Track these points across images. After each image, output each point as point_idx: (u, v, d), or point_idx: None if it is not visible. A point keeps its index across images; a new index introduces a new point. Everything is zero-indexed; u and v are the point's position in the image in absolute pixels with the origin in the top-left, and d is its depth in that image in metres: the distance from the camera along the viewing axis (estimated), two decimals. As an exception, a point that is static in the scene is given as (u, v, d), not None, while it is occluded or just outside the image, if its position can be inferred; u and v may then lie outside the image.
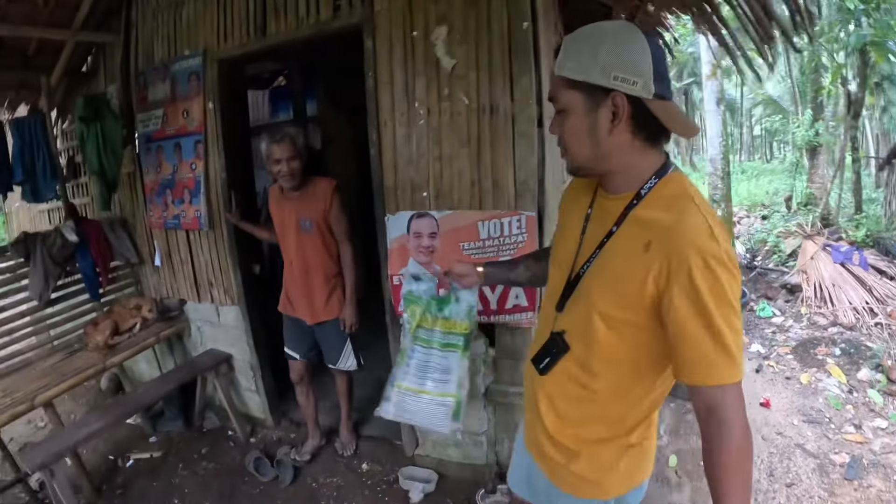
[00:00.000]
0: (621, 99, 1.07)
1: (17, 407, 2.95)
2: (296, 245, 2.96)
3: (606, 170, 1.18)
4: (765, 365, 4.58)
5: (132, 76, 3.73)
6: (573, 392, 1.28)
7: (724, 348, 1.02)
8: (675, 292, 1.03)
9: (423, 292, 1.95)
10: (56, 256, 3.62)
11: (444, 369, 1.93)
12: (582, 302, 1.21)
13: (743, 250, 7.77)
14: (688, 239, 1.03)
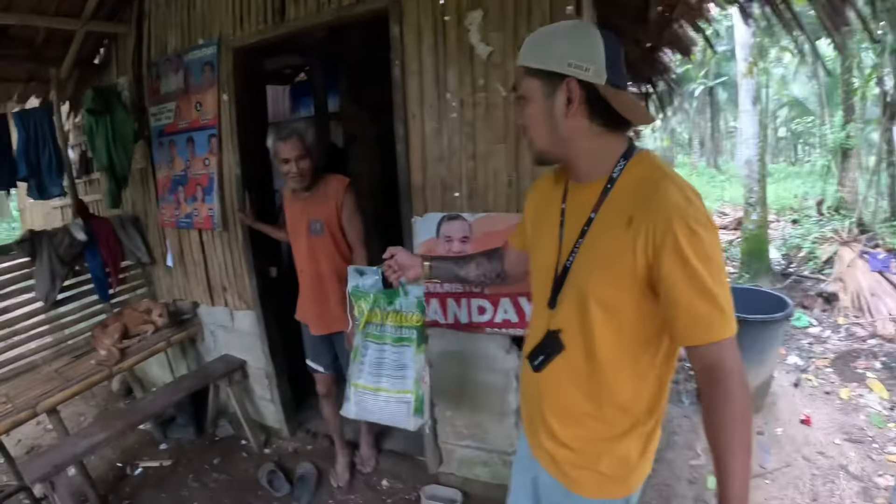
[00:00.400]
0: (574, 84, 1.15)
1: (18, 414, 2.85)
2: (307, 250, 2.76)
3: (567, 154, 1.25)
4: (803, 379, 4.38)
5: (144, 67, 3.60)
6: (582, 387, 1.28)
7: (717, 306, 1.06)
8: (665, 261, 1.08)
9: (368, 287, 1.91)
10: (63, 255, 3.51)
11: (398, 365, 1.92)
12: (574, 293, 1.24)
13: (778, 256, 7.57)
14: (667, 208, 1.08)
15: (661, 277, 1.09)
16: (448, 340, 2.68)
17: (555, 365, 1.31)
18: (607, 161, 1.22)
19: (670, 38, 4.16)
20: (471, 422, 2.78)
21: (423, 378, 1.93)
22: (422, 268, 1.71)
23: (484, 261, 1.71)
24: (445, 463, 2.97)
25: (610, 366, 1.23)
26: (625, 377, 1.24)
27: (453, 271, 1.73)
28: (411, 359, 1.90)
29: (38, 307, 3.51)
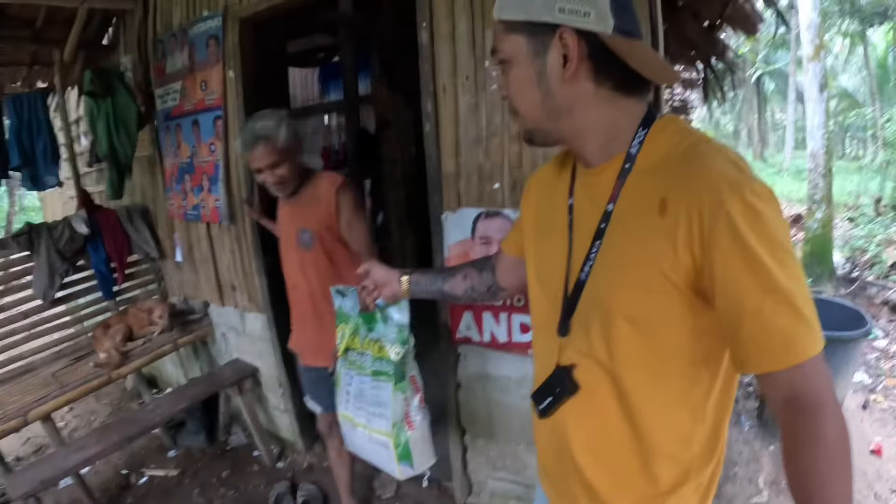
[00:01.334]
0: (570, 35, 0.89)
1: (8, 422, 2.70)
2: (298, 264, 2.34)
3: (569, 130, 0.98)
4: (871, 400, 3.99)
5: (150, 46, 3.35)
6: (614, 436, 0.99)
7: (797, 313, 0.79)
8: (718, 254, 0.81)
9: (349, 309, 1.74)
10: (63, 250, 3.32)
11: (376, 402, 1.71)
12: (595, 312, 0.96)
13: (841, 259, 7.16)
14: (713, 180, 0.82)
15: (714, 277, 0.82)
16: (483, 361, 2.38)
17: (569, 409, 1.04)
18: (623, 133, 0.96)
19: (734, 13, 3.74)
20: (505, 452, 2.47)
21: (408, 421, 1.70)
22: (399, 283, 1.50)
23: (473, 272, 1.46)
24: (475, 494, 2.67)
25: (648, 404, 0.96)
26: (669, 418, 0.97)
27: (437, 286, 1.50)
28: (388, 396, 1.67)
29: (37, 305, 3.34)
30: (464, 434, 2.53)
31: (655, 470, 0.98)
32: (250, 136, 2.10)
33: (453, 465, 2.62)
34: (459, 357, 2.41)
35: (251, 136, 2.10)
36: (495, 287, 1.42)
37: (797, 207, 10.29)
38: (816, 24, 6.20)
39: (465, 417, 2.48)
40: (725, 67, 4.81)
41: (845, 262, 6.99)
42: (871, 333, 3.84)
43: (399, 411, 1.66)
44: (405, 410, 1.68)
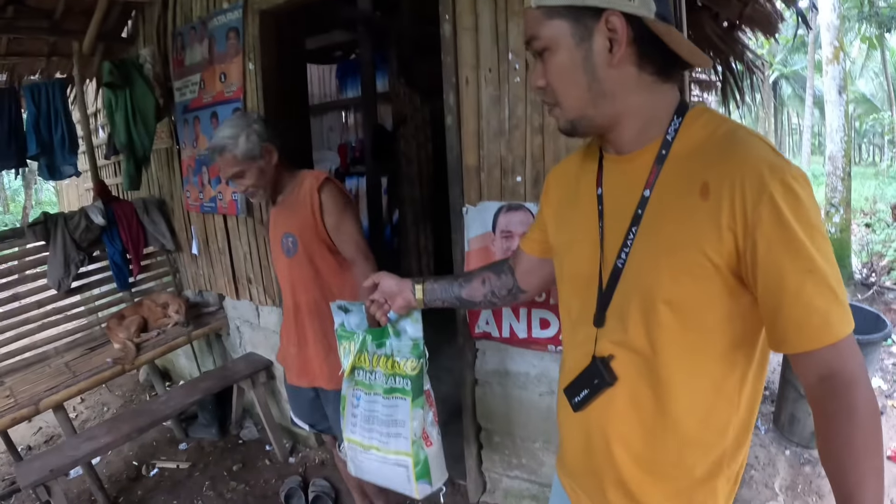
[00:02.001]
0: (618, 18, 0.89)
1: (19, 410, 2.71)
2: (285, 274, 2.17)
3: (612, 116, 0.97)
4: (888, 406, 3.95)
5: (170, 38, 3.35)
6: (652, 427, 0.99)
7: (832, 293, 0.81)
8: (761, 236, 0.82)
9: (355, 326, 1.64)
10: (79, 240, 3.33)
11: (391, 421, 1.60)
12: (635, 299, 0.96)
13: (858, 264, 7.07)
14: (755, 163, 0.84)
15: (757, 258, 0.84)
16: (501, 357, 2.34)
17: (604, 401, 1.03)
18: (659, 120, 0.96)
19: (754, 13, 3.69)
20: (521, 450, 2.44)
21: (425, 437, 1.60)
22: (413, 292, 1.42)
23: (491, 276, 1.41)
24: (489, 492, 2.64)
25: (685, 392, 0.96)
26: (706, 405, 0.97)
27: (454, 293, 1.43)
28: (406, 414, 1.57)
29: (51, 295, 3.35)
30: (479, 431, 2.50)
31: (690, 461, 0.98)
32: (211, 147, 2.01)
33: (467, 462, 2.59)
34: (478, 353, 2.38)
35: (211, 148, 2.00)
36: (516, 289, 1.39)
37: (814, 211, 10.24)
38: (836, 26, 6.12)
39: (482, 414, 2.46)
40: (744, 69, 4.75)
41: (862, 267, 6.92)
42: (890, 336, 3.79)
43: (418, 428, 1.59)
44: (423, 427, 1.60)
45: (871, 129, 23.26)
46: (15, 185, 21.34)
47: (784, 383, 3.28)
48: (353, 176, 5.64)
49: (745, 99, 4.87)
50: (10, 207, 20.10)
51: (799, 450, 3.21)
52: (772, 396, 3.81)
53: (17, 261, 3.25)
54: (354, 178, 5.63)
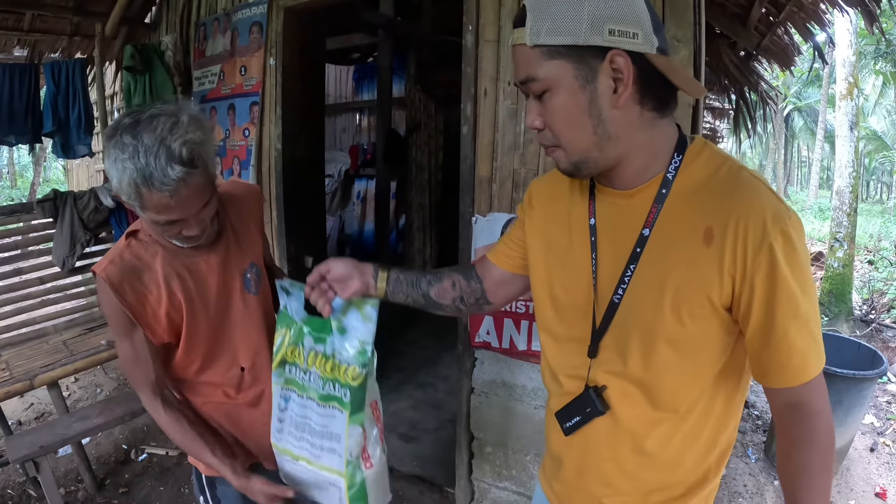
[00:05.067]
0: (623, 58, 0.84)
1: (14, 384, 2.71)
2: (249, 321, 1.47)
3: (617, 157, 0.93)
4: (879, 443, 3.92)
5: (193, 28, 3.37)
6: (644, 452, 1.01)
7: (811, 335, 0.87)
8: (758, 283, 0.85)
9: (294, 312, 1.31)
10: (87, 220, 3.33)
11: (325, 433, 1.28)
12: (635, 335, 0.96)
13: (859, 300, 7.04)
14: (759, 209, 0.85)
15: (752, 302, 0.87)
16: (500, 367, 2.34)
17: (596, 428, 1.03)
18: (660, 157, 0.94)
19: (772, 44, 3.71)
20: (513, 461, 2.43)
21: (365, 457, 1.30)
22: (374, 280, 1.22)
23: (462, 281, 1.28)
24: (476, 501, 2.63)
25: (680, 419, 0.99)
26: (698, 429, 1.00)
27: (421, 290, 1.27)
28: (342, 429, 1.26)
29: (54, 273, 3.35)
30: (472, 440, 2.50)
31: (677, 480, 1.03)
32: (174, 166, 1.09)
33: (458, 470, 2.59)
34: (476, 362, 2.39)
35: (176, 169, 1.10)
36: (483, 300, 1.29)
37: (818, 246, 10.20)
38: (851, 62, 6.14)
39: (476, 423, 2.45)
40: (758, 99, 4.77)
41: (863, 303, 6.90)
42: (885, 374, 3.79)
43: (355, 447, 1.28)
44: (362, 445, 1.30)
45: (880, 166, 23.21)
46: (24, 161, 21.41)
47: (777, 415, 3.29)
48: (363, 178, 5.67)
49: (756, 129, 4.88)
50: (17, 183, 20.17)
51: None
52: (764, 426, 3.81)
53: (22, 235, 3.26)
54: (364, 180, 5.66)
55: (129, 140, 1.09)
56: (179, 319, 1.34)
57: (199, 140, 1.14)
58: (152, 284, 1.30)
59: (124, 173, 1.10)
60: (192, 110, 1.17)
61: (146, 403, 1.37)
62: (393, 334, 4.73)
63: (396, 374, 4.06)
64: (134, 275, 1.28)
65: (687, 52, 1.81)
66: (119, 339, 1.33)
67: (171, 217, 1.17)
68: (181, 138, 1.10)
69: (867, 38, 10.39)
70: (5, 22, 3.49)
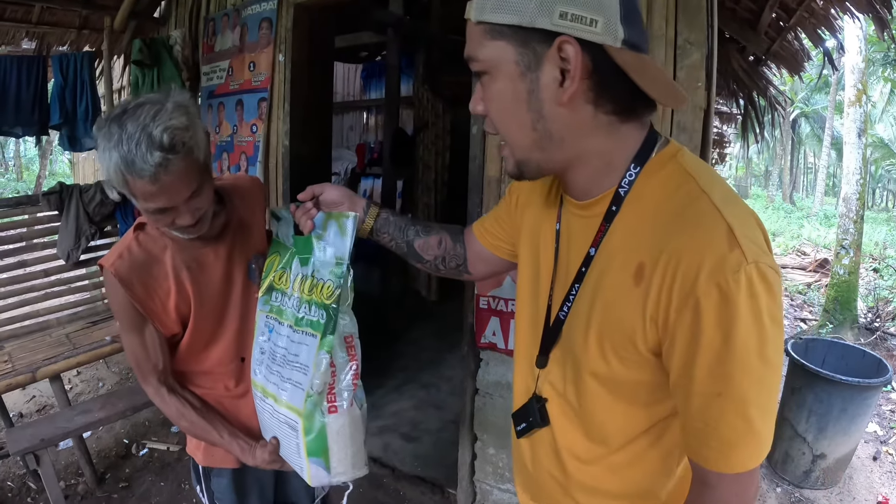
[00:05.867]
0: (573, 47, 0.71)
1: (16, 376, 2.72)
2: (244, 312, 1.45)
3: (562, 161, 0.82)
4: (882, 452, 3.91)
5: (202, 23, 3.38)
6: (582, 472, 0.96)
7: (746, 424, 0.71)
8: (679, 338, 0.73)
9: (284, 236, 1.28)
10: (93, 214, 3.36)
11: (294, 362, 1.21)
12: (569, 358, 0.89)
13: (864, 308, 7.00)
14: (697, 251, 0.70)
15: (671, 359, 0.75)
16: (505, 368, 2.33)
17: (540, 438, 1.00)
18: (616, 168, 0.81)
19: (781, 50, 3.70)
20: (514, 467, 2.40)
21: (330, 399, 1.17)
22: (364, 214, 1.19)
23: (448, 240, 1.24)
24: (478, 503, 2.62)
25: (617, 451, 0.90)
26: (642, 461, 0.91)
27: (407, 237, 1.23)
28: (310, 357, 1.17)
29: (58, 265, 3.37)
30: (475, 441, 2.49)
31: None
32: (153, 152, 1.08)
33: (460, 471, 2.58)
34: (481, 363, 2.38)
35: (156, 155, 1.08)
36: (463, 267, 1.25)
37: (824, 252, 10.19)
38: (860, 69, 6.12)
39: (479, 425, 2.45)
40: (766, 104, 4.76)
41: (867, 311, 6.89)
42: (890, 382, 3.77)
43: (319, 380, 1.16)
44: (327, 382, 1.16)
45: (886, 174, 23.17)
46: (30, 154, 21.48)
47: (781, 421, 3.28)
48: (369, 177, 5.68)
49: (764, 134, 4.87)
50: (23, 175, 20.24)
51: (790, 488, 3.20)
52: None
53: (27, 228, 3.27)
54: (370, 178, 5.67)
55: (115, 129, 1.10)
56: (187, 310, 1.35)
57: (183, 126, 1.12)
58: (161, 277, 1.31)
59: (110, 161, 1.11)
60: (179, 98, 1.16)
61: (152, 393, 1.38)
62: (396, 335, 4.76)
63: (399, 375, 4.06)
64: (143, 268, 1.29)
65: (699, 56, 1.80)
66: (127, 333, 1.34)
67: (157, 205, 1.16)
68: (163, 125, 1.09)
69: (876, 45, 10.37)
70: (14, 14, 3.50)
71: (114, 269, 1.26)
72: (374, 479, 2.98)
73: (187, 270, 1.33)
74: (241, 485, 1.55)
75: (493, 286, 2.23)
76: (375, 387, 3.84)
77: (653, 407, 0.85)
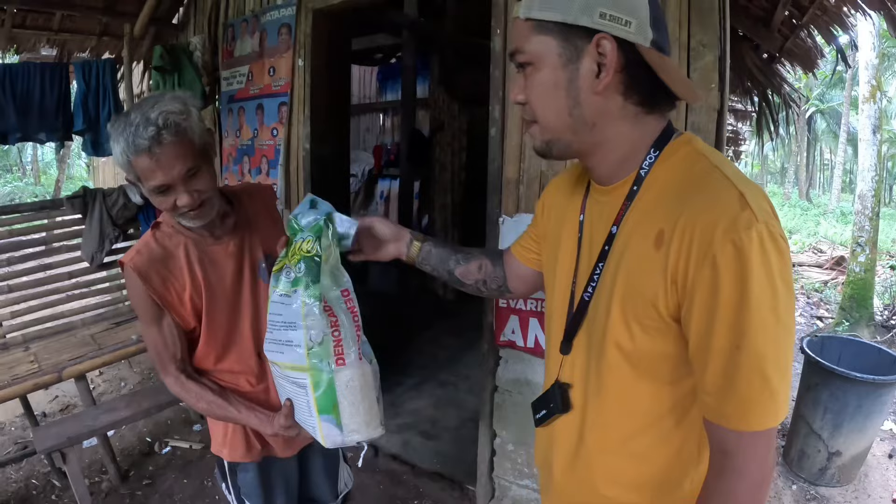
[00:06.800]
0: (610, 43, 0.82)
1: (42, 377, 2.75)
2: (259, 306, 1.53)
3: (590, 144, 0.91)
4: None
5: (220, 29, 3.44)
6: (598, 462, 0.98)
7: (763, 381, 0.75)
8: (698, 297, 0.77)
9: (308, 223, 1.24)
10: (116, 217, 3.39)
11: (286, 323, 1.22)
12: (595, 336, 0.93)
13: (880, 305, 6.90)
14: (712, 215, 0.76)
15: (690, 320, 0.80)
16: (523, 366, 2.36)
17: (560, 426, 1.03)
18: (636, 153, 0.91)
19: (794, 47, 3.69)
20: (534, 459, 2.42)
21: (337, 352, 1.19)
22: (407, 247, 1.28)
23: (488, 264, 1.32)
24: (497, 499, 2.65)
25: (635, 437, 0.94)
26: (656, 453, 0.94)
27: (448, 267, 1.31)
28: (297, 313, 1.17)
29: (82, 268, 3.41)
30: (494, 437, 2.52)
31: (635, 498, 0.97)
32: (148, 128, 1.21)
33: (479, 467, 2.60)
34: (500, 360, 2.41)
35: (150, 129, 1.21)
36: (504, 287, 1.32)
37: (840, 250, 10.07)
38: (874, 65, 6.06)
39: (498, 421, 2.47)
40: (781, 102, 4.75)
41: (884, 308, 6.80)
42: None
43: (315, 330, 1.16)
44: (325, 332, 1.17)
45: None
46: (47, 158, 21.71)
47: (796, 418, 3.28)
48: (387, 178, 5.72)
49: (778, 131, 4.85)
50: (41, 179, 20.46)
51: (806, 485, 3.19)
52: (783, 430, 3.78)
53: (52, 231, 3.32)
54: (387, 180, 5.72)
55: (121, 121, 1.25)
56: (201, 304, 1.44)
57: (177, 110, 1.25)
58: (176, 270, 1.41)
59: (118, 147, 1.25)
60: (178, 94, 1.32)
61: (172, 382, 1.46)
62: (414, 334, 4.79)
63: (418, 373, 4.09)
64: (160, 262, 1.39)
65: (712, 58, 1.82)
66: (147, 326, 1.43)
67: (157, 181, 1.26)
68: (159, 110, 1.22)
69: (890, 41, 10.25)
70: (35, 21, 3.56)
71: (133, 264, 1.36)
72: (395, 476, 3.00)
73: (200, 264, 1.43)
74: (266, 478, 1.62)
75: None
76: (395, 385, 3.87)
77: (674, 385, 0.89)
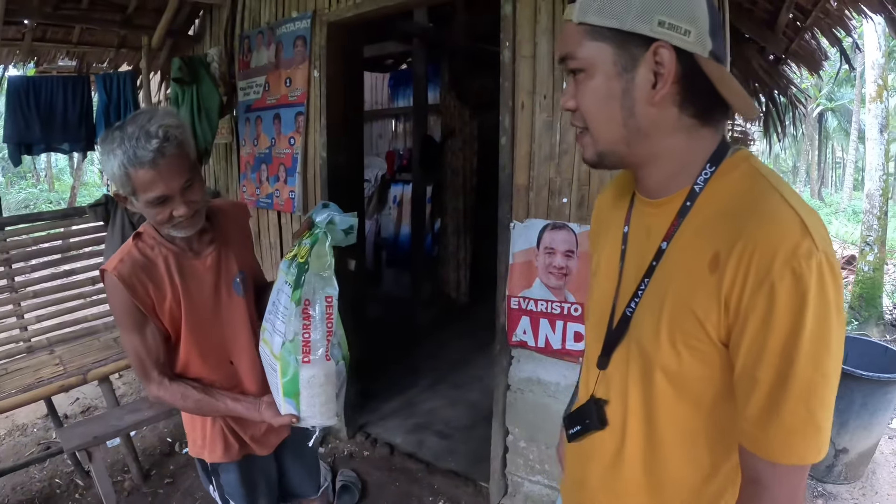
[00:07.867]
0: (668, 52, 0.77)
1: (68, 378, 2.85)
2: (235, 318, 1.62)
3: (643, 157, 0.87)
4: None
5: (236, 40, 3.52)
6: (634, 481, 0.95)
7: (809, 414, 0.72)
8: (751, 323, 0.74)
9: (320, 219, 1.39)
10: (137, 224, 3.41)
11: (280, 311, 1.39)
12: (635, 355, 0.89)
13: (889, 304, 6.87)
14: (773, 239, 0.72)
15: (740, 345, 0.76)
16: (535, 365, 2.42)
17: (594, 442, 0.99)
18: (691, 167, 0.85)
19: (799, 49, 3.74)
20: (545, 456, 2.50)
21: (304, 349, 1.33)
22: None
23: None
24: (510, 496, 2.70)
25: (674, 459, 0.91)
26: (694, 475, 0.91)
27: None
28: (284, 309, 1.35)
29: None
30: (507, 435, 2.57)
31: None
32: (151, 141, 1.26)
33: (492, 464, 2.66)
34: (513, 360, 2.46)
35: (154, 142, 1.26)
36: None
37: (851, 249, 10.02)
38: (881, 64, 6.07)
39: (511, 419, 2.52)
40: (787, 102, 4.78)
41: (893, 307, 6.76)
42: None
43: (291, 329, 1.32)
44: (298, 332, 1.33)
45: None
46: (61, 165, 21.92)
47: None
48: (399, 183, 5.80)
49: (786, 132, 4.88)
50: (55, 186, 20.67)
51: (813, 482, 3.19)
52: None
53: (75, 238, 3.41)
54: (400, 185, 5.79)
55: (116, 134, 1.29)
56: (179, 313, 1.50)
57: (174, 124, 1.32)
58: (158, 279, 1.46)
59: (115, 160, 1.29)
60: (168, 110, 1.45)
61: (155, 387, 1.51)
62: (428, 336, 4.85)
63: (432, 374, 4.15)
64: (142, 270, 1.44)
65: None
66: (129, 333, 1.48)
67: (156, 192, 1.31)
68: (157, 123, 1.28)
69: None
70: (55, 35, 3.68)
71: (116, 272, 1.41)
72: (410, 474, 3.06)
73: (180, 277, 1.49)
74: (248, 477, 1.72)
75: (523, 287, 2.32)
76: (409, 386, 3.94)
77: (715, 409, 0.86)
